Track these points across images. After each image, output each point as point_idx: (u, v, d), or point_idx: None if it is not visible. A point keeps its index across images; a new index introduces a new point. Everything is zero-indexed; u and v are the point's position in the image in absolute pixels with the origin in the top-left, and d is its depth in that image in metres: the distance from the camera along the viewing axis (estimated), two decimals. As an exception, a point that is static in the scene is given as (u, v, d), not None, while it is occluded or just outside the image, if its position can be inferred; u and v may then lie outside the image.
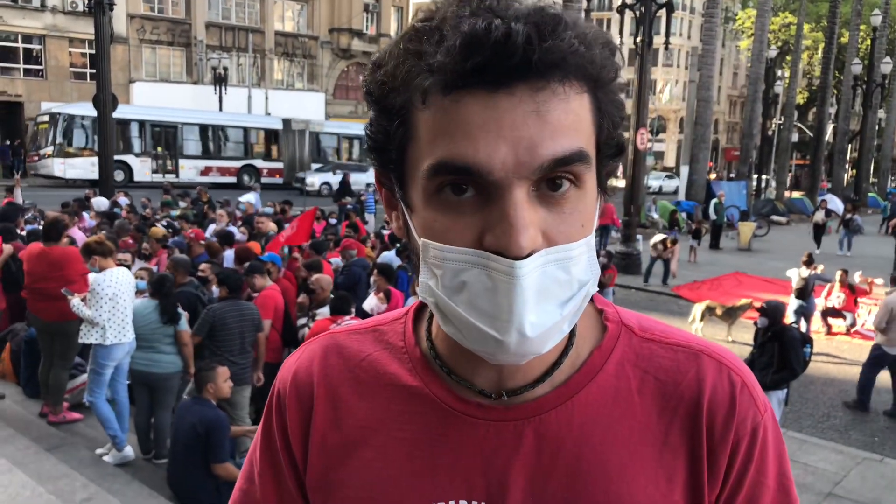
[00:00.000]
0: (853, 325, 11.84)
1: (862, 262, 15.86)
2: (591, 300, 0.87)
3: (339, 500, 0.86)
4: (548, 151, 0.68)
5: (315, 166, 33.94)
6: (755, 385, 0.84)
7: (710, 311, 10.65)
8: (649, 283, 15.00)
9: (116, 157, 28.74)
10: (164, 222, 12.15)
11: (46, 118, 29.28)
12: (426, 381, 0.86)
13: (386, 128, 0.75)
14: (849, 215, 21.25)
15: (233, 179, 32.09)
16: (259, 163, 33.53)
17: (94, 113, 28.50)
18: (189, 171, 31.37)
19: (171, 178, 29.57)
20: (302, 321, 7.20)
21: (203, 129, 32.49)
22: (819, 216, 22.05)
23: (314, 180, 30.74)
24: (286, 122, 34.67)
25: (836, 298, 11.85)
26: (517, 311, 0.69)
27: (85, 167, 27.91)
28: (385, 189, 0.82)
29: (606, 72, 0.73)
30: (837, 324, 11.89)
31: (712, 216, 21.78)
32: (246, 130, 33.75)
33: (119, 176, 28.72)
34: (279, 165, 33.98)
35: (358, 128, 37.03)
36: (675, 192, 33.53)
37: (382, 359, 0.90)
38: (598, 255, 0.81)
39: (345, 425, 0.88)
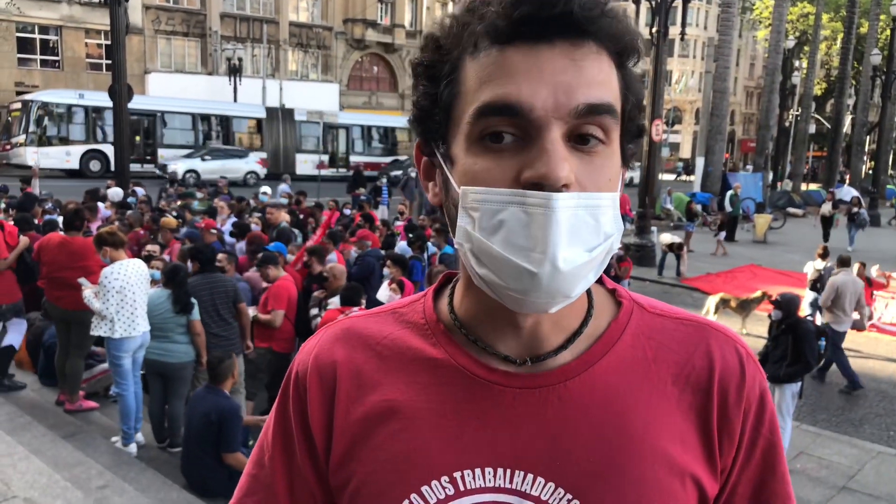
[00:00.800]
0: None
1: (867, 256, 15.58)
2: (602, 282, 0.94)
3: (365, 473, 0.87)
4: (583, 96, 0.75)
5: (300, 157, 32.72)
6: (754, 355, 0.92)
7: (724, 303, 10.60)
8: (663, 275, 14.96)
9: (93, 147, 27.90)
10: (174, 213, 12.21)
11: (18, 105, 27.90)
12: (451, 352, 0.89)
13: (433, 93, 0.82)
14: (854, 209, 20.89)
15: None
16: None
17: (67, 100, 27.83)
18: (169, 160, 29.47)
19: (150, 168, 28.53)
20: (314, 311, 7.22)
21: (183, 117, 31.14)
22: (826, 208, 21.57)
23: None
24: (269, 110, 33.50)
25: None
26: (552, 241, 0.73)
27: (59, 157, 27.01)
28: (425, 157, 0.88)
29: (633, 45, 0.81)
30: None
31: (728, 208, 21.63)
32: (228, 119, 32.50)
33: (95, 166, 27.63)
34: (263, 155, 32.68)
35: (345, 116, 35.59)
36: None
37: (404, 336, 0.92)
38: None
39: (369, 401, 0.89)
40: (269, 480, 0.96)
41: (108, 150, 27.66)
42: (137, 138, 30.01)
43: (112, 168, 25.84)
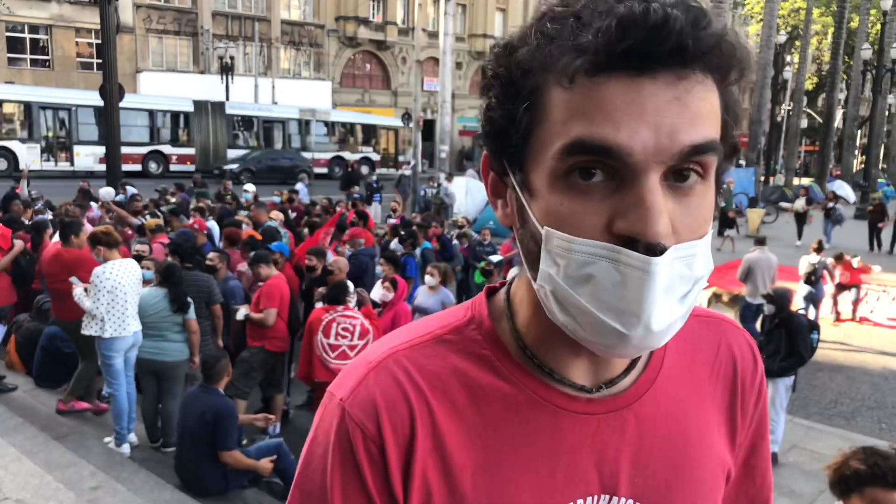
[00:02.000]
0: (865, 294, 11.90)
1: (858, 251, 15.57)
2: None
3: None
4: (687, 137, 0.67)
5: (233, 153, 30.89)
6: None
7: (716, 297, 10.65)
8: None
9: None
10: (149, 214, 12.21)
11: None
12: (528, 385, 0.82)
13: (511, 111, 0.73)
14: (830, 204, 20.81)
15: (137, 167, 28.27)
16: (167, 149, 30.45)
17: None
18: (86, 158, 27.36)
19: (64, 166, 26.89)
20: (319, 306, 7.18)
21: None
22: (799, 204, 21.20)
23: None
24: (198, 103, 31.52)
25: (841, 276, 11.94)
26: (647, 306, 0.68)
27: None
28: (493, 173, 0.81)
29: (741, 70, 0.72)
30: (847, 297, 11.99)
31: (720, 203, 21.58)
32: (151, 113, 30.37)
33: (2, 165, 25.58)
34: (190, 151, 30.96)
35: (280, 109, 34.41)
36: None
37: (469, 370, 0.83)
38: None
39: (449, 453, 0.80)
40: None
41: (16, 146, 25.90)
42: (50, 134, 27.90)
43: (19, 167, 23.31)
